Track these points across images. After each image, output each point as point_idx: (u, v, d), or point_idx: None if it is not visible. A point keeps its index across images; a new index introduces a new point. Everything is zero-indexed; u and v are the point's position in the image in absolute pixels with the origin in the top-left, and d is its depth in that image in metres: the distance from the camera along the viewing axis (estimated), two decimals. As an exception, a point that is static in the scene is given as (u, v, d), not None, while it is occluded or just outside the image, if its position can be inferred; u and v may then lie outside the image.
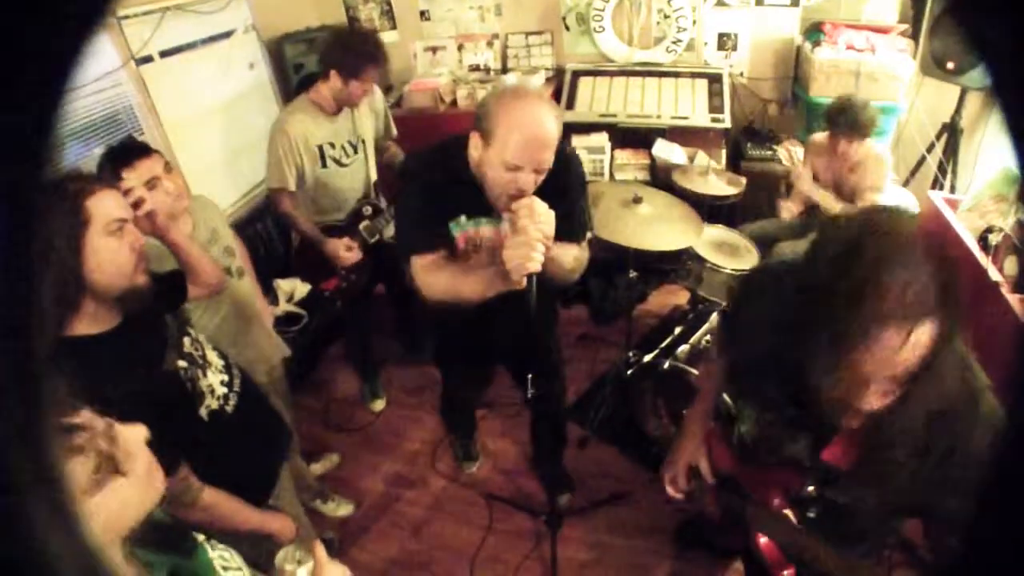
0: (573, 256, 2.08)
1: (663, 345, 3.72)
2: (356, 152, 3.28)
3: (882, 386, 1.13)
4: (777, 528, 1.64)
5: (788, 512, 1.61)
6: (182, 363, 1.79)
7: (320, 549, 1.32)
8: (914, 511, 1.44)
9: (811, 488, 1.50)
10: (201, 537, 1.31)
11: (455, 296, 2.03)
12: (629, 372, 3.62)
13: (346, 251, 3.24)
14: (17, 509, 0.30)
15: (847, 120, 3.12)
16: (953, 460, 1.22)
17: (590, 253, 2.21)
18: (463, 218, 2.08)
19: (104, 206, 1.53)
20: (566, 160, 2.00)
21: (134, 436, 1.05)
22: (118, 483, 0.97)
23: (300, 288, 3.76)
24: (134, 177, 2.13)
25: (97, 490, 0.94)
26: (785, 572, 1.68)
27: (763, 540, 1.69)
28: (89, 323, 1.57)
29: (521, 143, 1.81)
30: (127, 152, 2.19)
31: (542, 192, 1.88)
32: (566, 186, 2.03)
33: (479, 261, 2.13)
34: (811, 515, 1.56)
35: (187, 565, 1.19)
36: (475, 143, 1.91)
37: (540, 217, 1.81)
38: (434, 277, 2.05)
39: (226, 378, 1.95)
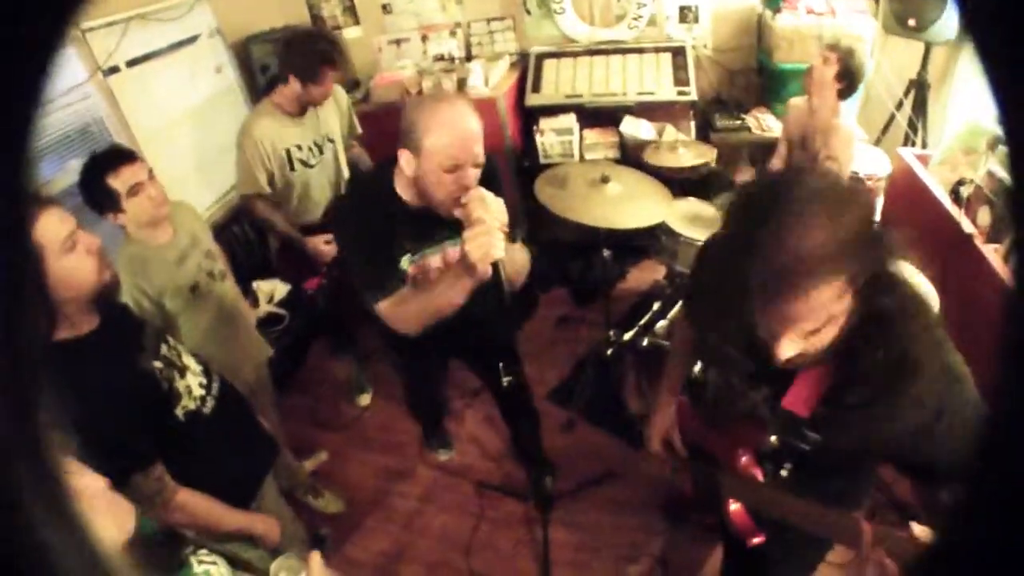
0: (520, 254, 2.09)
1: (641, 323, 3.74)
2: (323, 152, 3.28)
3: (794, 338, 1.16)
4: (745, 488, 1.67)
5: (755, 471, 1.63)
6: (157, 364, 1.82)
7: (316, 558, 1.32)
8: (878, 455, 1.46)
9: (773, 438, 1.52)
10: (189, 549, 1.33)
11: (433, 317, 2.01)
12: (609, 352, 3.64)
13: (325, 246, 3.25)
14: (19, 513, 0.30)
15: (848, 60, 3.06)
16: (906, 402, 1.24)
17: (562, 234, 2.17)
18: (408, 256, 2.08)
19: (50, 229, 1.53)
20: (489, 164, 1.99)
21: (93, 487, 1.07)
22: None
23: (280, 289, 3.79)
24: (119, 183, 2.17)
25: None
26: (756, 539, 1.71)
27: (733, 508, 1.71)
28: (69, 328, 1.61)
29: (454, 143, 1.83)
30: (112, 158, 2.21)
31: None
32: (494, 184, 2.00)
33: (435, 280, 2.11)
34: (784, 473, 1.58)
35: None
36: (406, 160, 1.91)
37: (492, 205, 1.82)
38: (405, 311, 2.03)
39: (204, 380, 1.97)
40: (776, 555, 1.78)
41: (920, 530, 1.23)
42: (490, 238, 1.77)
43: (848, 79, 3.03)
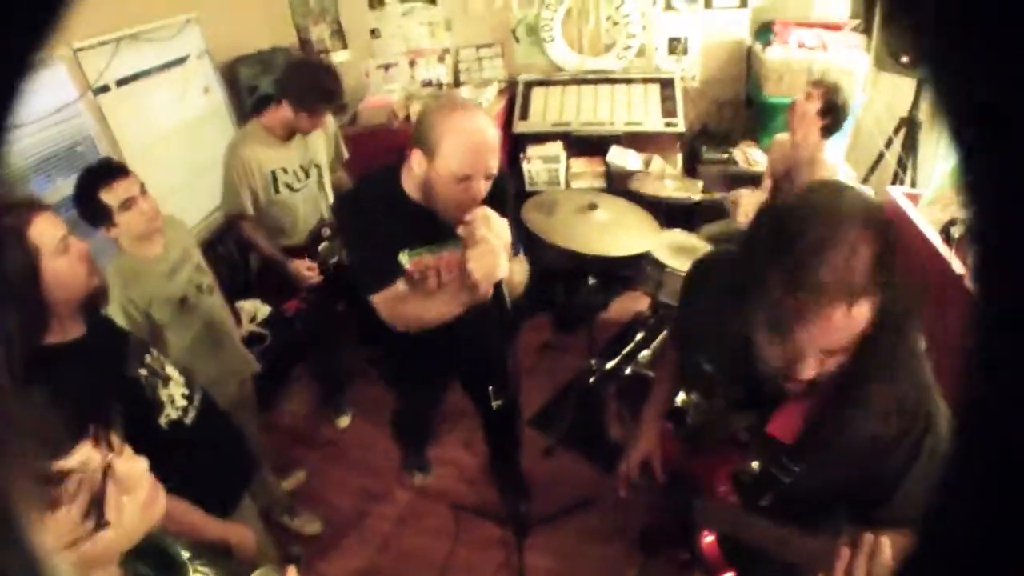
0: (520, 268, 2.10)
1: (625, 352, 3.72)
2: (308, 177, 3.27)
3: (817, 358, 1.16)
4: (720, 514, 1.65)
5: (733, 499, 1.61)
6: (142, 371, 1.84)
7: (292, 573, 1.32)
8: (857, 493, 1.42)
9: (755, 464, 1.50)
10: (186, 555, 1.33)
11: (425, 322, 2.02)
12: (592, 380, 3.62)
13: (308, 271, 3.24)
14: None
15: (830, 95, 3.07)
16: (883, 441, 1.25)
17: (547, 261, 2.16)
18: (407, 253, 2.07)
19: (46, 231, 1.57)
20: (500, 175, 1.97)
21: (135, 470, 1.07)
22: (101, 536, 0.96)
23: (262, 309, 3.78)
24: (111, 197, 2.19)
25: (80, 542, 0.92)
26: (726, 574, 1.69)
27: (706, 540, 1.69)
28: (59, 333, 1.65)
29: (470, 153, 1.82)
30: (106, 172, 2.23)
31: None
32: (501, 200, 2.01)
33: (432, 286, 2.12)
34: (764, 503, 1.55)
35: None
36: (418, 160, 1.89)
37: (495, 225, 1.81)
38: (399, 310, 2.04)
39: (187, 392, 1.99)
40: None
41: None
42: (494, 258, 1.77)
43: (832, 115, 3.01)
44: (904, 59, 3.53)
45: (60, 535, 0.89)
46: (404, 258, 2.07)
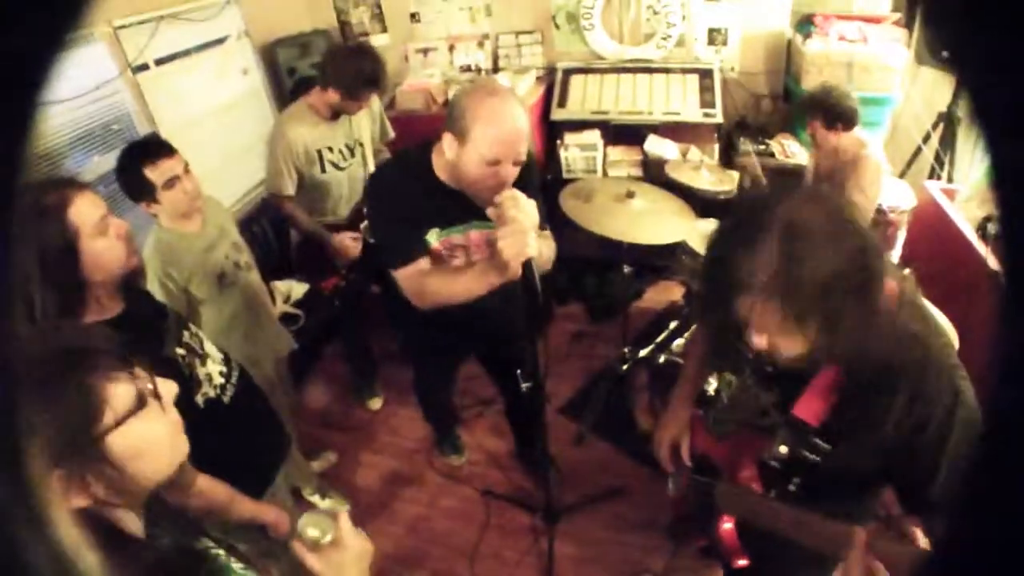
0: (548, 245, 2.12)
1: (658, 340, 3.73)
2: (353, 156, 3.30)
3: (764, 341, 1.25)
4: (739, 498, 1.66)
5: (756, 484, 1.62)
6: (180, 351, 1.86)
7: (345, 518, 1.32)
8: (884, 474, 1.45)
9: (783, 448, 1.50)
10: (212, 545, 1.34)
11: (448, 299, 2.05)
12: (624, 368, 3.62)
13: (351, 241, 3.26)
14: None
15: (824, 107, 3.12)
16: (911, 420, 1.26)
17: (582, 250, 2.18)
18: (436, 231, 2.11)
19: (86, 211, 1.58)
20: (527, 162, 2.01)
21: (166, 390, 1.12)
22: (155, 411, 1.03)
23: (297, 289, 3.80)
24: (156, 175, 2.22)
25: (133, 414, 0.99)
26: (740, 561, 1.72)
27: (725, 527, 1.71)
28: (97, 311, 1.67)
29: (500, 138, 1.85)
30: (151, 149, 2.28)
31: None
32: (528, 181, 2.04)
33: (459, 265, 2.16)
34: (792, 488, 1.56)
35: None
36: (449, 143, 1.93)
37: (525, 206, 1.84)
38: (422, 285, 2.07)
39: (224, 369, 2.01)
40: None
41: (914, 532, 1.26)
42: (524, 237, 1.79)
43: (839, 114, 3.10)
44: (944, 54, 3.50)
45: (116, 406, 0.96)
46: (432, 237, 2.10)
